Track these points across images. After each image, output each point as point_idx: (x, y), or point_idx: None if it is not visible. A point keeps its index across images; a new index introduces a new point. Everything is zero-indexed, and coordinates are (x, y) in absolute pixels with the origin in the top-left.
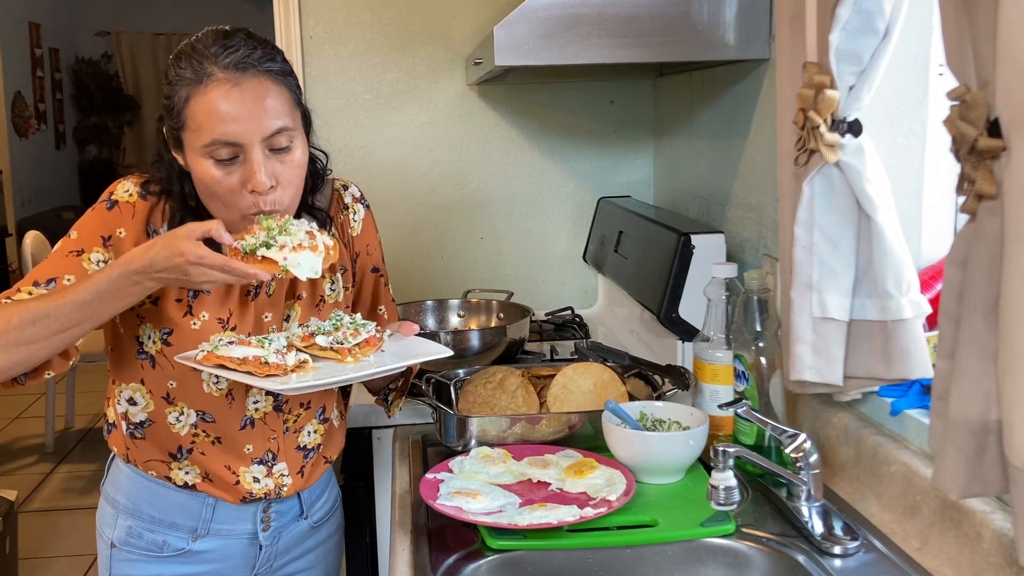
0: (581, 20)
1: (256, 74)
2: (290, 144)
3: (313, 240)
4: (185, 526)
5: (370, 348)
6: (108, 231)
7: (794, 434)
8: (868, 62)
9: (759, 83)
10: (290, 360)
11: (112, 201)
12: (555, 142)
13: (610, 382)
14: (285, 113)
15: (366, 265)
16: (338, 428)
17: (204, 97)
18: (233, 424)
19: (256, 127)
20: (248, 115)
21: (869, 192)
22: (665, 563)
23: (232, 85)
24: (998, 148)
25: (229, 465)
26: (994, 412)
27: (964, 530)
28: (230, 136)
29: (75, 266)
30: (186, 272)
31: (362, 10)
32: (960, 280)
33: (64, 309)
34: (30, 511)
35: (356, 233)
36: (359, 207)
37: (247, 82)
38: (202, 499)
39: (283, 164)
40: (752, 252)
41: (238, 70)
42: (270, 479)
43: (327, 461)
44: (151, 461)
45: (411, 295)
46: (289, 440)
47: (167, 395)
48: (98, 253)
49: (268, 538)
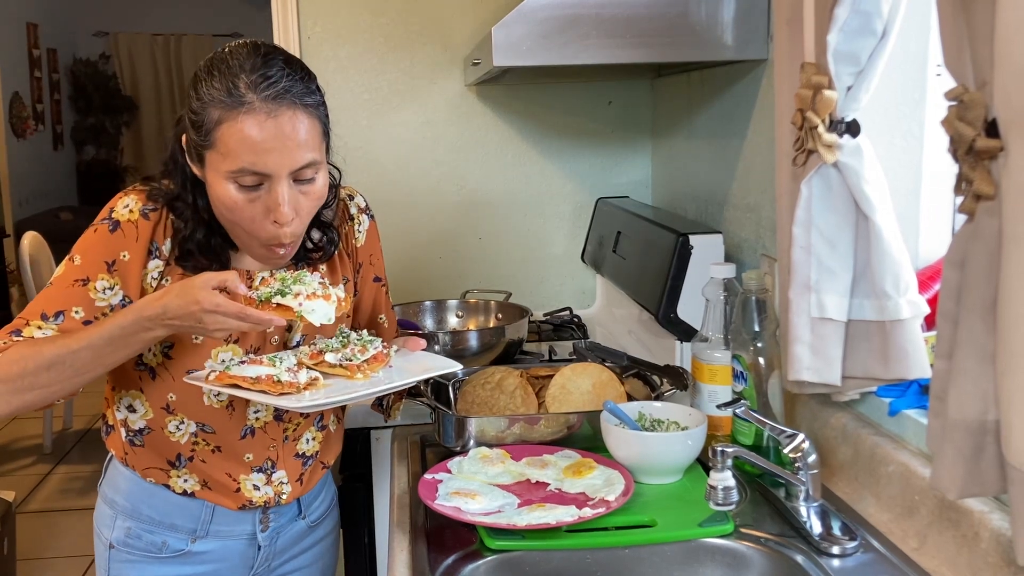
0: (579, 21)
1: (292, 106)
2: (315, 176)
3: (326, 290)
4: (184, 527)
5: (378, 364)
6: (112, 256)
7: (792, 434)
8: (866, 63)
9: (757, 83)
10: (302, 378)
11: (114, 221)
12: (553, 142)
13: (608, 382)
14: (315, 146)
15: (368, 275)
16: (335, 433)
17: (238, 124)
18: (233, 434)
19: (287, 160)
20: (280, 148)
21: (867, 192)
22: (663, 563)
23: (268, 116)
24: (996, 148)
25: (230, 472)
26: (992, 412)
27: (962, 530)
28: (259, 167)
29: (82, 297)
30: (200, 320)
31: (360, 10)
32: (958, 280)
33: (80, 356)
34: (28, 512)
35: (360, 244)
36: (364, 218)
37: (283, 115)
38: (201, 503)
39: (305, 195)
40: (750, 252)
41: (275, 102)
42: (269, 487)
43: (324, 467)
44: (150, 468)
45: (409, 295)
46: (288, 448)
47: (167, 405)
48: (103, 280)
49: (266, 538)
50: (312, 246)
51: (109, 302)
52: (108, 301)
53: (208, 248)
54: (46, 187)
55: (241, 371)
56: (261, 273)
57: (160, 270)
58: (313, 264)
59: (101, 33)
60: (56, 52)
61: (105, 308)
